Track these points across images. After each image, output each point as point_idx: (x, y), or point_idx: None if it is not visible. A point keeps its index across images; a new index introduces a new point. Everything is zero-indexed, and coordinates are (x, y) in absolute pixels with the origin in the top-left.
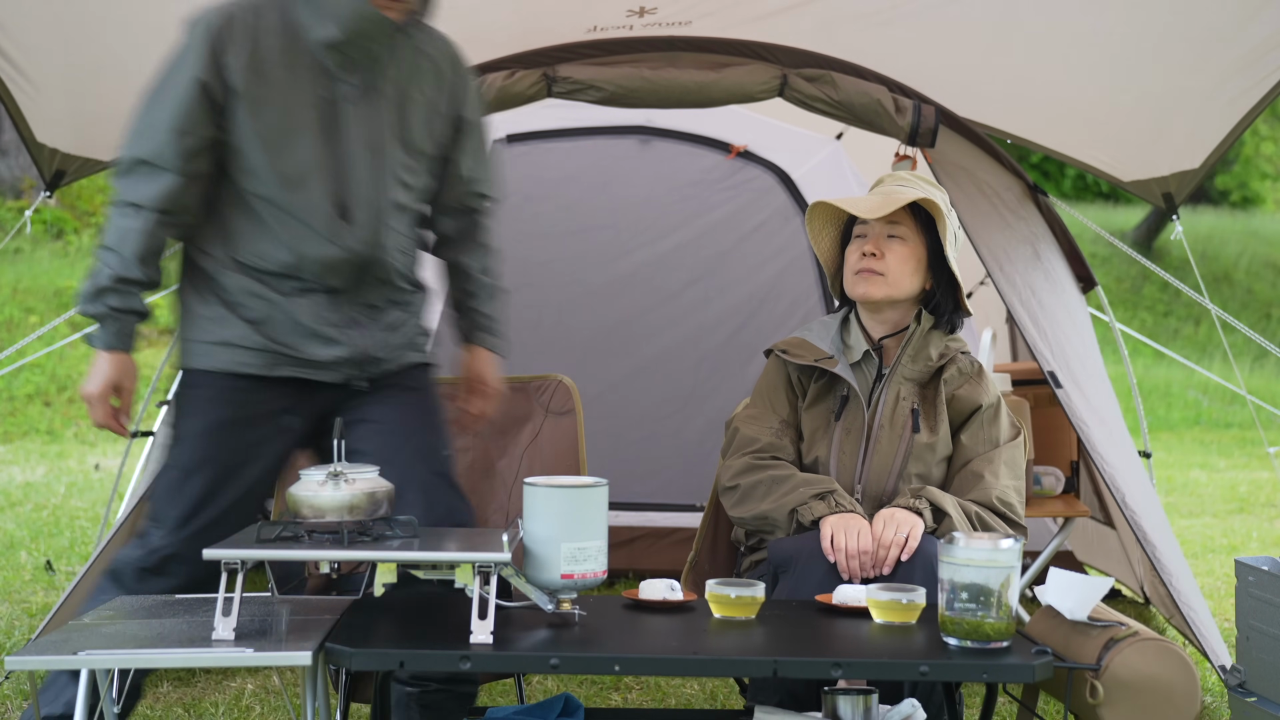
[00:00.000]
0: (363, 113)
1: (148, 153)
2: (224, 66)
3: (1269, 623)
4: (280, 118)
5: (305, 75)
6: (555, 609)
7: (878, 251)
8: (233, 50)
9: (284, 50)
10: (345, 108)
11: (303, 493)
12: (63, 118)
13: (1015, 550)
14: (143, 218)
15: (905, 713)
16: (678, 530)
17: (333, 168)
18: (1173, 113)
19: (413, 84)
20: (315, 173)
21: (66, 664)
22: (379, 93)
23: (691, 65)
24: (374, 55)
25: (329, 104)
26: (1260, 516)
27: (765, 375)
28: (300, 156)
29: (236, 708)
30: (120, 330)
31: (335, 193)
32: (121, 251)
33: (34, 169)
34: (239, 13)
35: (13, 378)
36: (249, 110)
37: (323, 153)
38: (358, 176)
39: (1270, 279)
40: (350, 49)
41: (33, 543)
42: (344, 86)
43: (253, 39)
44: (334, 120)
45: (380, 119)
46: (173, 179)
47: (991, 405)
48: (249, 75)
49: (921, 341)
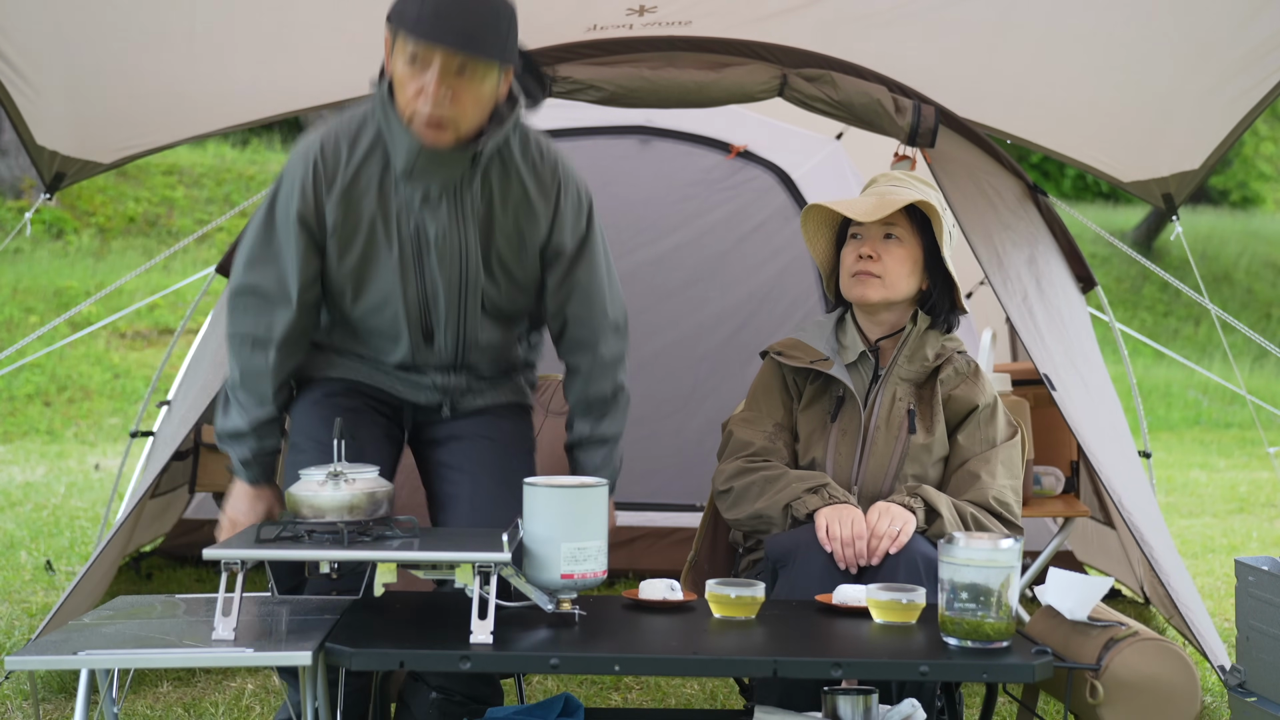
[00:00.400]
0: (447, 241)
1: (263, 284)
2: (320, 204)
3: (1269, 623)
4: (367, 248)
5: (393, 204)
6: (555, 609)
7: (874, 254)
8: (326, 186)
9: (375, 179)
10: (429, 236)
11: (303, 493)
12: (62, 121)
13: (1015, 550)
14: (268, 354)
15: (905, 713)
16: (677, 530)
17: (417, 297)
18: (1173, 113)
19: (499, 210)
20: (399, 301)
21: (66, 664)
22: (464, 220)
23: (691, 65)
24: (451, 185)
25: (415, 232)
26: (1260, 516)
27: (760, 377)
28: (385, 286)
29: (236, 708)
30: (264, 468)
31: (420, 319)
32: (255, 392)
33: (34, 169)
34: (338, 140)
35: (13, 378)
36: (339, 242)
37: (407, 281)
38: (441, 305)
39: (1270, 279)
40: (423, 181)
41: (33, 543)
42: (428, 215)
43: (346, 172)
44: (419, 249)
45: (464, 247)
46: (290, 312)
47: (988, 405)
48: (340, 210)
49: (918, 342)
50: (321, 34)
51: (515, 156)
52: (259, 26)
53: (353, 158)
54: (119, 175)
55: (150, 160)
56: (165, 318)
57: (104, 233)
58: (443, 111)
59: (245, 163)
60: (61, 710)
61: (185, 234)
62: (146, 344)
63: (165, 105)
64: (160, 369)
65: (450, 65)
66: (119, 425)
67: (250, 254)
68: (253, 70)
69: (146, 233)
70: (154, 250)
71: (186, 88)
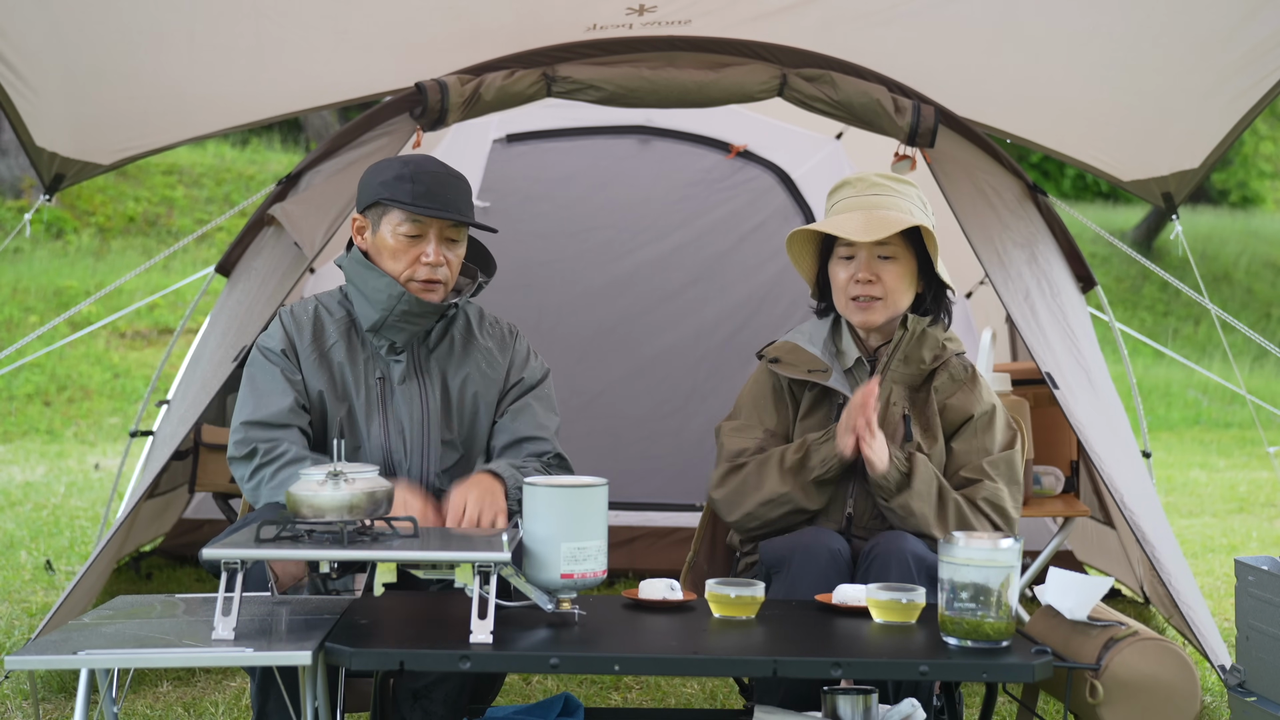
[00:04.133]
0: (409, 391)
1: (265, 416)
2: (298, 358)
3: (1269, 622)
4: (338, 397)
5: (360, 358)
6: (555, 609)
7: (872, 277)
8: (300, 343)
9: (343, 336)
10: (393, 387)
11: (302, 493)
12: (61, 122)
13: (1015, 550)
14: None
15: (905, 712)
16: (677, 530)
17: (381, 441)
18: (1172, 112)
19: (459, 362)
20: (365, 444)
21: (66, 664)
22: (426, 373)
23: (691, 65)
24: (418, 338)
25: (379, 383)
26: (1260, 516)
27: (754, 384)
28: (355, 430)
29: (236, 708)
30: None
31: (384, 462)
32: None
33: (33, 170)
34: (308, 306)
35: (12, 377)
36: (320, 393)
37: (372, 428)
38: (403, 450)
39: (1270, 279)
40: (391, 333)
41: (33, 542)
42: (394, 367)
43: (316, 329)
44: (383, 398)
45: (425, 397)
46: (295, 433)
47: (985, 413)
48: (315, 364)
49: (914, 345)
50: (321, 34)
51: (470, 317)
52: (259, 27)
53: (325, 316)
54: (119, 175)
55: (150, 160)
56: (165, 317)
57: (104, 232)
58: (442, 274)
59: (245, 163)
60: (61, 710)
61: (185, 234)
62: (146, 344)
63: (165, 106)
64: (160, 368)
65: (444, 234)
66: (119, 425)
67: (254, 402)
68: (252, 71)
69: (146, 232)
70: (154, 250)
71: (186, 89)
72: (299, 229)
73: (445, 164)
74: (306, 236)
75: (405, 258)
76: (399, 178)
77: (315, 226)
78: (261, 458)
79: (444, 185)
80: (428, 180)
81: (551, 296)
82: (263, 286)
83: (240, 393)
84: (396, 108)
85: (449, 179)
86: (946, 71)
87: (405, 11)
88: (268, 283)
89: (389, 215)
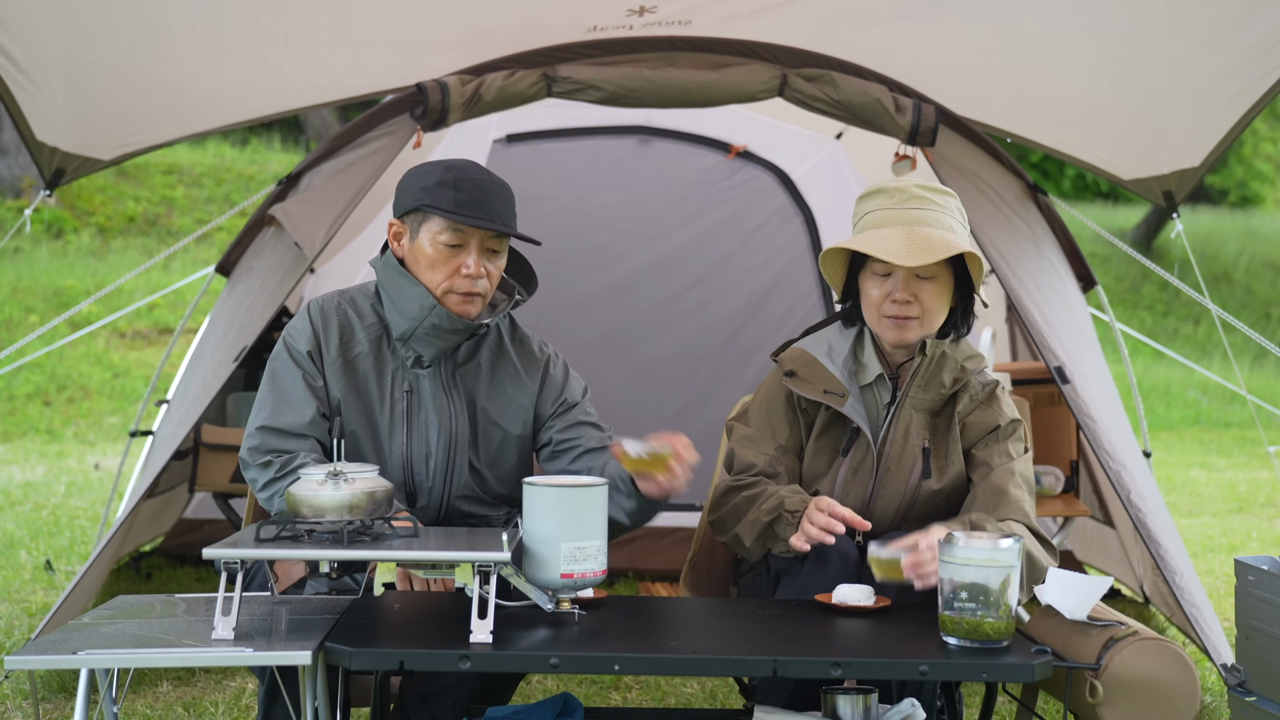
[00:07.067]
0: (438, 409)
1: (285, 424)
2: (322, 362)
3: (1269, 622)
4: (360, 408)
5: (389, 369)
6: (555, 608)
7: (910, 297)
8: (326, 346)
9: (372, 345)
10: (420, 400)
11: (303, 492)
12: (63, 116)
13: (1015, 550)
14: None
15: (905, 712)
16: (678, 530)
17: (402, 459)
18: (1173, 111)
19: (488, 383)
20: (386, 460)
21: (66, 664)
22: (454, 390)
23: (691, 65)
24: (447, 352)
25: (407, 395)
26: (1260, 516)
27: (767, 390)
28: (377, 442)
29: (236, 708)
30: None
31: (405, 481)
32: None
33: (34, 168)
34: (340, 304)
35: (12, 377)
36: (340, 402)
37: (394, 443)
38: (425, 470)
39: (1270, 279)
40: (419, 345)
41: (33, 542)
42: (422, 381)
43: (344, 333)
44: (408, 411)
45: (454, 417)
46: (313, 444)
47: (1010, 423)
48: (339, 370)
49: (934, 368)
50: (322, 33)
51: (504, 335)
52: (260, 24)
53: (352, 318)
54: (119, 175)
55: (150, 159)
56: (165, 317)
57: (104, 232)
58: (481, 287)
59: (245, 162)
60: (61, 710)
61: (185, 233)
62: (146, 343)
63: (166, 102)
64: (160, 368)
65: (485, 244)
66: (119, 425)
67: (273, 407)
68: (253, 68)
69: (146, 232)
70: (154, 250)
71: (187, 85)
72: (299, 229)
73: (489, 170)
74: (307, 237)
75: (444, 268)
76: (441, 184)
77: (315, 227)
78: (278, 470)
79: (488, 194)
80: (471, 188)
81: (552, 297)
82: (263, 286)
83: (261, 389)
84: (397, 108)
85: (493, 187)
86: (946, 71)
87: (406, 11)
88: (268, 283)
89: (429, 223)
